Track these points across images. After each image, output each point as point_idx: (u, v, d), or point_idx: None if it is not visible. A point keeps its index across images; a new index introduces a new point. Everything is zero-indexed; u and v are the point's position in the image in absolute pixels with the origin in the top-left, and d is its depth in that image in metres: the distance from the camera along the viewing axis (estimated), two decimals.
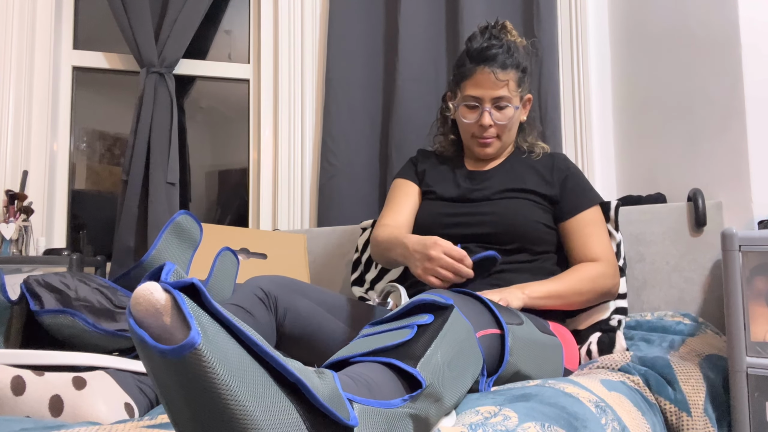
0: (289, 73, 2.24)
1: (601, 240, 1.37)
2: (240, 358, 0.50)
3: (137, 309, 0.47)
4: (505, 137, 1.43)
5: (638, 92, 1.93)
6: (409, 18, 2.09)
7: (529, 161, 1.45)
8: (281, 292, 1.20)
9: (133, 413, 0.88)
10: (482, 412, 0.76)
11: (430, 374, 0.72)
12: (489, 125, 1.38)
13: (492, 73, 1.34)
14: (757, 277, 1.15)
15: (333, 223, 2.07)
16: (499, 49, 1.35)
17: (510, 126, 1.42)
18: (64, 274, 1.04)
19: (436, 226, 1.40)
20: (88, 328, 0.98)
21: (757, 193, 1.41)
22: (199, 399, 0.48)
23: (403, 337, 0.75)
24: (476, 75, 1.36)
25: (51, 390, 0.81)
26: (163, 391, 0.50)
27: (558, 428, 0.74)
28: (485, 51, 1.35)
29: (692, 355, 1.25)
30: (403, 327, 0.80)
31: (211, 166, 2.41)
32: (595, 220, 1.39)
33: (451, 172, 1.48)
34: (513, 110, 1.38)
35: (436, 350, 0.76)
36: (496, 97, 1.36)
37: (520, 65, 1.38)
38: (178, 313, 0.47)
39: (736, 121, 1.45)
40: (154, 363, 0.48)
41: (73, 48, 2.28)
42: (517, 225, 1.34)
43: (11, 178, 2.11)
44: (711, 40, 1.55)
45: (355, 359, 0.73)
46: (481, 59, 1.35)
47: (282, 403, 0.52)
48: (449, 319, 0.82)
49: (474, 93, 1.37)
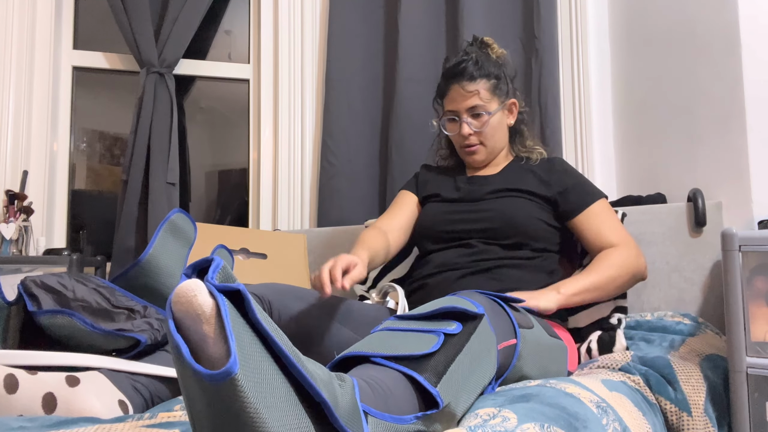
0: (289, 73, 2.24)
1: (614, 226, 1.38)
2: (272, 376, 0.49)
3: (178, 308, 0.45)
4: (490, 143, 1.47)
5: (638, 92, 1.92)
6: (409, 18, 2.08)
7: (527, 166, 1.49)
8: (275, 296, 1.20)
9: (128, 410, 0.88)
10: (481, 415, 0.76)
11: (450, 395, 0.73)
12: (468, 134, 1.45)
13: (461, 87, 1.44)
14: (757, 277, 1.15)
15: (333, 223, 2.07)
16: (467, 63, 1.45)
17: (491, 132, 1.46)
18: (61, 275, 1.04)
19: (438, 223, 1.44)
20: (86, 328, 0.98)
21: (757, 193, 1.41)
22: (224, 419, 0.47)
23: (428, 347, 0.75)
24: (450, 92, 1.47)
25: (44, 388, 0.81)
26: (190, 403, 0.50)
27: (558, 429, 0.74)
28: (454, 68, 1.46)
29: (692, 355, 1.24)
30: (430, 332, 0.80)
31: (211, 166, 2.41)
32: (603, 210, 1.40)
33: (453, 179, 1.54)
34: (487, 116, 1.44)
35: (459, 366, 0.76)
36: (470, 107, 1.44)
37: (490, 74, 1.45)
38: (219, 326, 0.46)
39: (736, 121, 1.45)
40: (185, 376, 0.47)
41: (73, 48, 2.28)
42: (516, 220, 1.36)
43: (11, 178, 2.11)
44: (711, 40, 1.55)
45: (377, 359, 0.73)
46: (451, 76, 1.46)
47: (303, 424, 0.52)
48: (476, 331, 0.83)
49: (450, 108, 1.47)
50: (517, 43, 2.06)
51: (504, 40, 2.06)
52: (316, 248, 1.94)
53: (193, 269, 0.48)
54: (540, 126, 1.98)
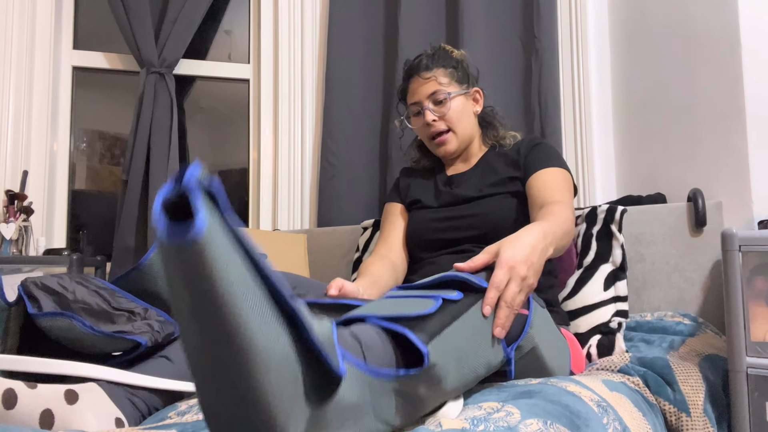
0: (289, 73, 2.24)
1: (561, 189, 1.29)
2: (241, 268, 0.48)
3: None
4: (458, 128, 1.44)
5: (638, 92, 1.92)
6: (409, 18, 2.08)
7: (500, 152, 1.46)
8: None
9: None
10: (485, 408, 0.76)
11: (439, 355, 0.70)
12: (432, 120, 1.43)
13: (419, 77, 1.45)
14: (757, 277, 1.15)
15: (333, 223, 2.07)
16: (422, 57, 1.48)
17: (455, 116, 1.43)
18: (62, 276, 1.03)
19: (426, 233, 1.42)
20: (86, 330, 0.98)
21: (757, 193, 1.41)
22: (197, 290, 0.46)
23: (425, 308, 0.74)
24: (410, 86, 1.48)
25: (42, 404, 0.81)
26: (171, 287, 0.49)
27: (560, 426, 0.74)
28: (411, 65, 1.50)
29: (692, 355, 1.24)
30: (429, 297, 0.78)
31: (211, 166, 2.41)
32: (557, 177, 1.32)
33: (433, 180, 1.53)
34: (448, 98, 1.42)
35: (454, 331, 0.74)
36: (429, 94, 1.43)
37: (447, 64, 1.46)
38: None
39: (736, 121, 1.45)
40: (164, 250, 0.46)
41: (73, 48, 2.28)
42: (499, 224, 1.33)
43: (11, 178, 2.11)
44: (711, 40, 1.55)
45: (370, 320, 0.72)
46: (409, 73, 1.49)
47: (276, 326, 0.50)
48: (478, 303, 0.80)
49: (412, 100, 1.47)
50: (517, 43, 2.06)
51: (504, 40, 2.07)
52: (316, 248, 1.94)
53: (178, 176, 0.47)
54: (540, 126, 1.98)
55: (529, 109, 2.00)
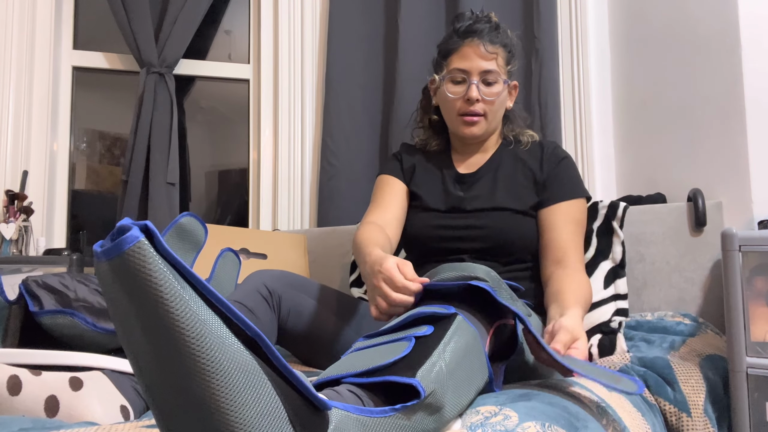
0: (289, 73, 2.24)
1: (576, 241, 1.28)
2: (196, 302, 0.46)
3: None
4: (491, 118, 1.35)
5: (638, 92, 1.92)
6: (409, 18, 2.08)
7: (517, 152, 1.39)
8: (285, 291, 1.19)
9: (129, 415, 0.88)
10: (482, 412, 0.76)
11: (432, 382, 0.67)
12: (476, 99, 1.30)
13: (481, 45, 1.29)
14: (757, 277, 1.15)
15: (333, 223, 2.07)
16: (487, 25, 1.32)
17: (497, 106, 1.34)
18: (63, 275, 1.04)
19: (429, 240, 1.34)
20: (87, 327, 0.98)
21: (757, 193, 1.41)
22: (143, 297, 0.44)
23: (399, 353, 0.70)
24: (464, 48, 1.31)
25: (47, 390, 0.81)
26: (115, 309, 0.47)
27: (559, 428, 0.74)
28: (473, 25, 1.32)
29: (692, 355, 1.24)
30: (400, 340, 0.74)
31: (211, 166, 2.41)
32: (577, 218, 1.30)
33: (440, 173, 1.41)
34: (501, 87, 1.32)
35: (439, 359, 0.71)
36: (485, 71, 1.30)
37: (507, 45, 1.34)
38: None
39: (736, 121, 1.45)
40: (101, 272, 0.46)
41: (73, 48, 2.28)
42: (509, 241, 1.29)
43: (11, 178, 2.11)
44: (711, 40, 1.55)
45: (347, 380, 0.67)
46: (469, 33, 1.31)
47: (234, 340, 0.48)
48: (452, 328, 0.77)
49: (461, 66, 1.31)
50: (517, 43, 2.06)
51: None
52: (316, 248, 1.94)
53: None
54: (540, 126, 1.98)
55: (529, 109, 2.00)
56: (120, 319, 0.47)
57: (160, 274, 0.44)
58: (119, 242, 0.44)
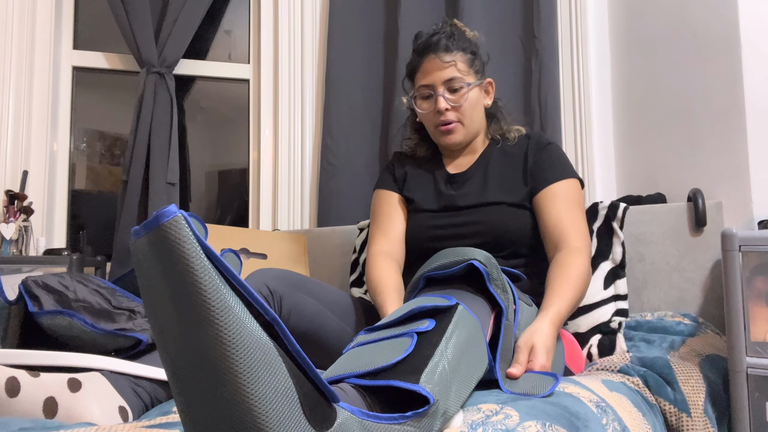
0: (289, 73, 2.24)
1: (576, 219, 1.27)
2: (221, 283, 0.49)
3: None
4: (468, 122, 1.37)
5: (638, 92, 1.92)
6: (409, 18, 2.08)
7: (505, 148, 1.40)
8: (287, 291, 1.20)
9: (128, 417, 0.88)
10: (484, 410, 0.76)
11: (437, 386, 0.67)
12: (445, 109, 1.34)
13: (437, 58, 1.33)
14: (757, 277, 1.15)
15: (333, 223, 2.07)
16: (441, 35, 1.35)
17: (469, 109, 1.36)
18: (62, 275, 1.04)
19: (425, 241, 1.36)
20: (87, 328, 0.98)
21: (757, 193, 1.41)
22: (175, 269, 0.48)
23: (401, 353, 0.70)
24: (424, 64, 1.36)
25: (46, 392, 0.81)
26: (146, 277, 0.51)
27: (559, 427, 0.74)
28: (429, 40, 1.36)
29: (692, 355, 1.24)
30: (401, 335, 0.75)
31: (211, 166, 2.41)
32: (571, 197, 1.30)
33: (431, 176, 1.43)
34: (466, 88, 1.34)
35: (441, 358, 0.71)
36: (446, 80, 1.33)
37: (467, 48, 1.36)
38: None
39: (736, 121, 1.45)
40: (139, 250, 0.50)
41: (73, 48, 2.28)
42: (504, 235, 1.30)
43: (11, 178, 2.11)
44: (711, 40, 1.55)
45: (349, 380, 0.68)
46: (425, 49, 1.36)
47: (255, 323, 0.51)
48: (453, 320, 0.78)
49: (425, 82, 1.36)
50: (517, 43, 2.06)
51: (504, 40, 2.07)
52: (316, 248, 1.94)
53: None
54: (540, 126, 1.98)
55: (529, 109, 2.01)
56: (150, 292, 0.51)
57: (191, 246, 0.48)
58: (158, 215, 0.48)
